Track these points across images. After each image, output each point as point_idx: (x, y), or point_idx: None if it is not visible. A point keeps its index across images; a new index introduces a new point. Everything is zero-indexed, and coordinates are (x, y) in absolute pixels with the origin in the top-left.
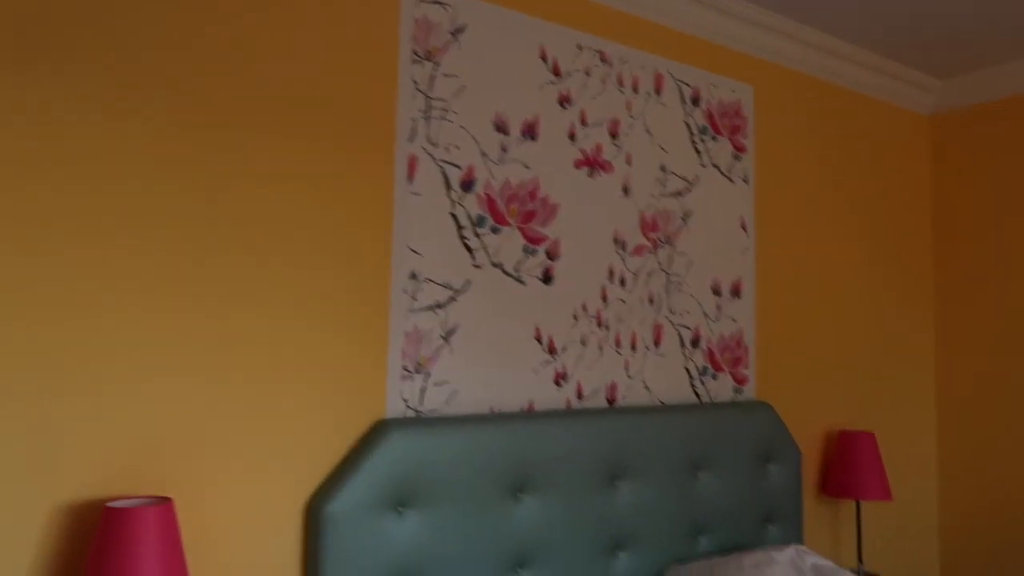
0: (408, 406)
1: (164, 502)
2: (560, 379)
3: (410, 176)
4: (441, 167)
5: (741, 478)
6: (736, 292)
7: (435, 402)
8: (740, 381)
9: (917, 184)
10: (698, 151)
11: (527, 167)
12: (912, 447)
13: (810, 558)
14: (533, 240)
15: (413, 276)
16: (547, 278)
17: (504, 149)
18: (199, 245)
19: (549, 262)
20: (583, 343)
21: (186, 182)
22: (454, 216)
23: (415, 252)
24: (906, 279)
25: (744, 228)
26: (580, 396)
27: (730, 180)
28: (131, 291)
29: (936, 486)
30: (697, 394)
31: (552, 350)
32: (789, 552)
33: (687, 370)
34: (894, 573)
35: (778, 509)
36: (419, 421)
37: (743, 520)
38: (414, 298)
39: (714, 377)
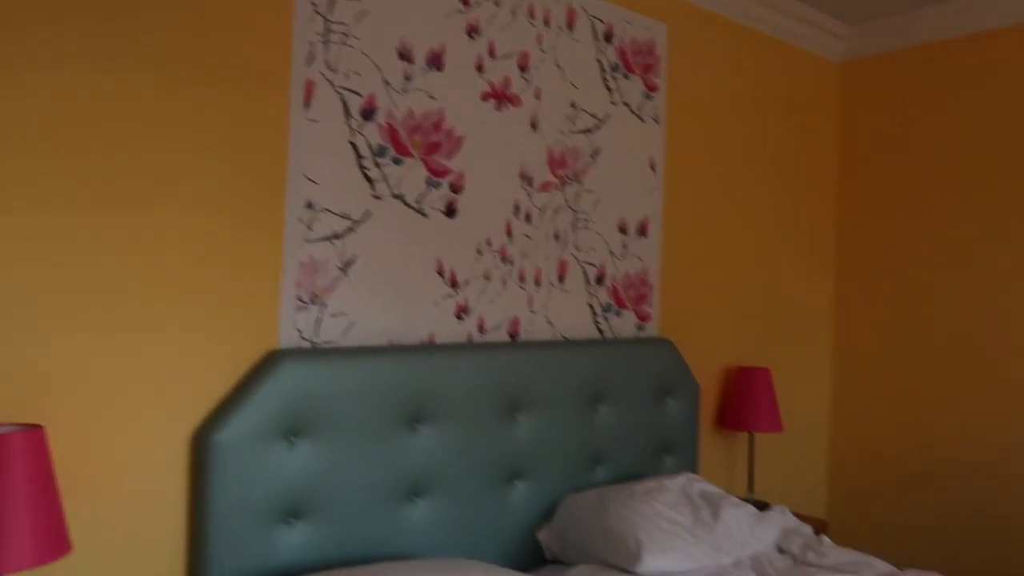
0: (303, 337)
1: (34, 429)
2: (462, 313)
3: (307, 102)
4: (340, 94)
5: (640, 412)
6: (643, 231)
7: (331, 333)
8: (643, 318)
9: (825, 130)
10: (609, 89)
11: (432, 97)
12: (807, 383)
13: (699, 485)
14: (437, 172)
15: (309, 205)
16: (451, 211)
17: (408, 78)
18: (84, 163)
19: (453, 195)
20: (486, 277)
21: (61, 123)
22: (353, 145)
23: (312, 181)
24: (809, 222)
25: (653, 168)
26: (482, 330)
27: (641, 119)
28: (12, 224)
29: (827, 421)
30: (600, 330)
31: (454, 284)
32: (680, 480)
33: (591, 307)
34: (783, 501)
35: (675, 441)
36: (314, 352)
37: (640, 452)
38: (310, 228)
39: (618, 314)
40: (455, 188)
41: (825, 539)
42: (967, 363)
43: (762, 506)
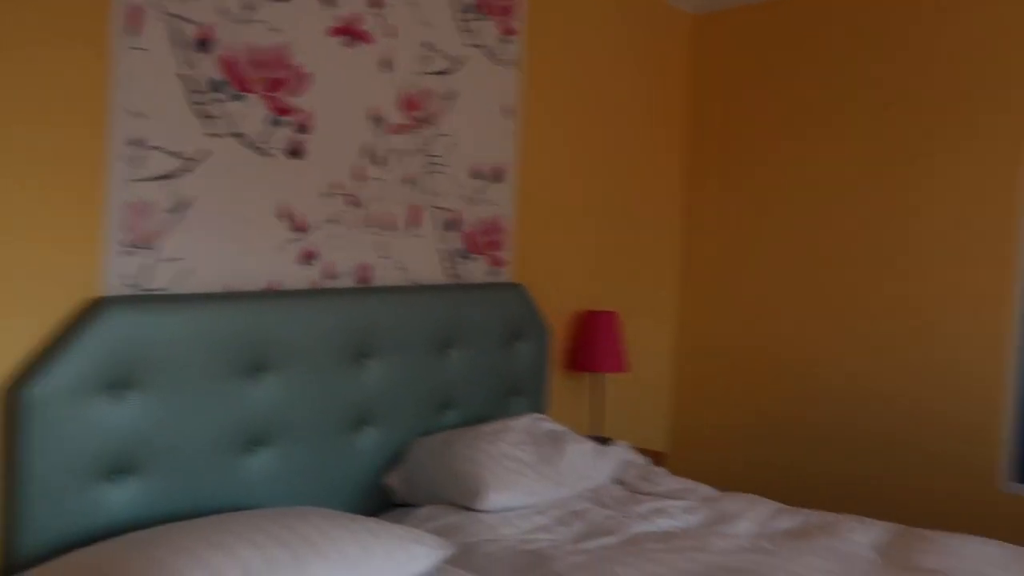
0: (131, 284)
1: None
2: (308, 258)
3: (132, 29)
4: (171, 21)
5: (491, 356)
6: (497, 177)
7: (163, 280)
8: (497, 264)
9: (678, 80)
10: (466, 30)
11: (276, 30)
12: (654, 326)
13: (545, 425)
14: (280, 111)
15: (136, 142)
16: (296, 152)
17: (249, 8)
18: None
19: (299, 135)
20: (335, 222)
21: None
22: (186, 78)
23: (139, 115)
24: (660, 169)
25: (509, 113)
26: (330, 276)
27: (497, 63)
28: None
29: (671, 362)
30: (455, 275)
31: (300, 228)
32: (525, 420)
33: (444, 252)
34: (629, 439)
35: (525, 384)
36: (142, 299)
37: (490, 395)
38: (137, 167)
39: (472, 259)
40: (301, 128)
41: (659, 469)
42: (806, 313)
43: (605, 442)
